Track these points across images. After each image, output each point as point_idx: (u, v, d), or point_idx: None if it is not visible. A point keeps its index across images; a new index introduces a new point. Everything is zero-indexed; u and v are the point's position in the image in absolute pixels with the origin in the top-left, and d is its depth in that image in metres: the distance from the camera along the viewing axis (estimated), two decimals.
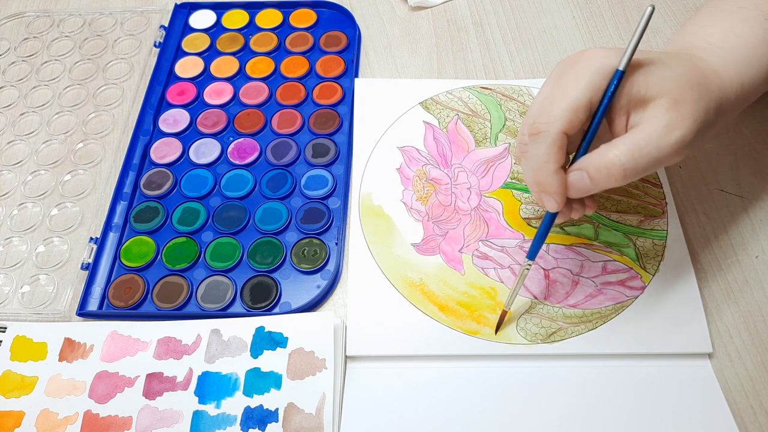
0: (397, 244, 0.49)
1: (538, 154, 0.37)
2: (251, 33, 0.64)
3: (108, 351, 0.44)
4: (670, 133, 0.36)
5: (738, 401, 0.42)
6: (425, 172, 0.52)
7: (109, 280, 0.49)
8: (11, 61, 0.64)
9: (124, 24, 0.66)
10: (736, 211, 0.50)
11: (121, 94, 0.61)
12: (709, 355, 0.44)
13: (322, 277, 0.48)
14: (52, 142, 0.57)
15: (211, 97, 0.59)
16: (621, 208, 0.50)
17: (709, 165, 0.53)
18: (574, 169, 0.38)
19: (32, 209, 0.53)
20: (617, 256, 0.48)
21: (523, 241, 0.49)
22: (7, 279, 0.50)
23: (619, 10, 0.64)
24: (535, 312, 0.45)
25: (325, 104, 0.58)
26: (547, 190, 0.38)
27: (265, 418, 0.41)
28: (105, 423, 0.42)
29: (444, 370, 0.44)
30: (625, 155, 0.36)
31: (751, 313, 0.45)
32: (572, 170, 0.38)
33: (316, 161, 0.54)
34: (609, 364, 0.43)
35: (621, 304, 0.45)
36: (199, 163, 0.55)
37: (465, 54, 0.62)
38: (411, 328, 0.45)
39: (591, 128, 0.38)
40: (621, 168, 0.36)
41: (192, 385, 0.43)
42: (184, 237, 0.50)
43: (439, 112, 0.56)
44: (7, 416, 0.42)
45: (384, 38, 0.64)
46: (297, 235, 0.50)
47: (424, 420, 0.41)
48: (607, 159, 0.36)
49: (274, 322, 0.45)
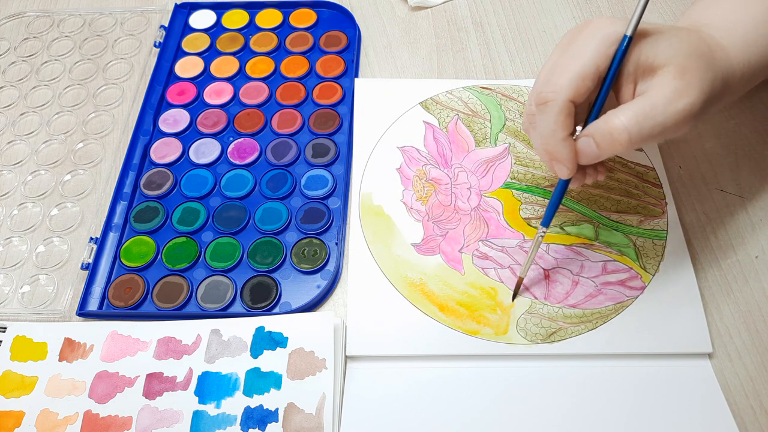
0: (397, 244, 0.49)
1: (546, 123, 0.38)
2: (251, 33, 0.64)
3: (108, 351, 0.44)
4: (677, 100, 0.36)
5: (738, 401, 0.42)
6: (425, 172, 0.52)
7: (109, 280, 0.49)
8: (11, 61, 0.64)
9: (124, 24, 0.66)
10: (736, 211, 0.50)
11: (121, 94, 0.61)
12: (709, 355, 0.44)
13: (322, 277, 0.48)
14: (52, 142, 0.57)
15: (211, 97, 0.59)
16: (621, 208, 0.50)
17: (709, 165, 0.53)
18: (582, 135, 0.38)
19: (32, 209, 0.53)
20: (617, 256, 0.48)
21: (523, 241, 0.49)
22: (7, 279, 0.50)
23: (618, 11, 0.64)
24: (535, 312, 0.45)
25: (325, 104, 0.58)
26: (557, 158, 0.38)
27: (265, 418, 0.41)
28: (105, 423, 0.42)
29: (444, 370, 0.44)
30: (630, 121, 0.36)
31: (751, 313, 0.45)
32: (580, 137, 0.38)
33: (316, 161, 0.54)
34: (609, 364, 0.43)
35: (621, 304, 0.45)
36: (199, 163, 0.55)
37: (465, 54, 0.62)
38: (411, 328, 0.45)
39: (600, 95, 0.38)
40: (626, 133, 0.36)
41: (192, 385, 0.43)
42: (184, 237, 0.50)
43: (439, 112, 0.56)
44: (7, 416, 0.42)
45: (384, 38, 0.64)
46: (297, 235, 0.50)
47: (424, 420, 0.41)
48: (611, 125, 0.36)
49: (274, 322, 0.45)
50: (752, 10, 0.42)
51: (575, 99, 0.37)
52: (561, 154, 0.38)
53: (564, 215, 0.50)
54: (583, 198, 0.51)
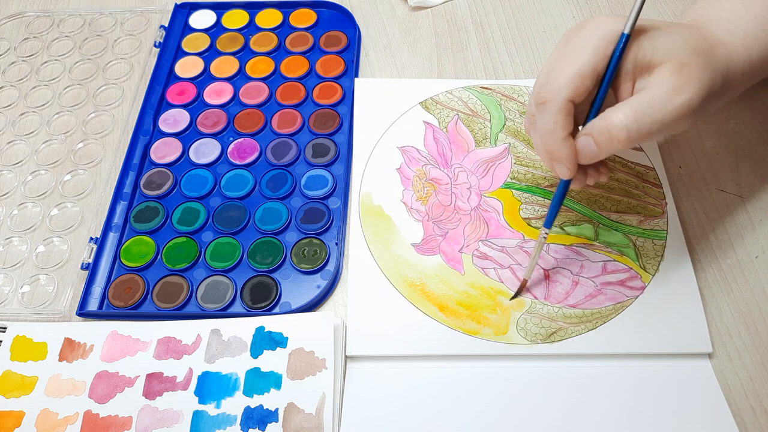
0: (397, 244, 0.49)
1: (546, 123, 0.37)
2: (251, 33, 0.64)
3: (108, 351, 0.44)
4: (675, 96, 0.36)
5: (738, 401, 0.42)
6: (425, 172, 0.52)
7: (109, 280, 0.49)
8: (11, 61, 0.64)
9: (124, 24, 0.66)
10: (736, 211, 0.50)
11: (121, 94, 0.61)
12: (709, 355, 0.44)
13: (322, 277, 0.48)
14: (52, 142, 0.57)
15: (211, 97, 0.59)
16: (621, 208, 0.50)
17: (709, 165, 0.53)
18: (581, 134, 0.38)
19: (32, 209, 0.53)
20: (617, 256, 0.48)
21: (523, 241, 0.49)
22: (7, 279, 0.50)
23: (619, 10, 0.64)
24: (535, 312, 0.45)
25: (325, 104, 0.58)
26: (558, 158, 0.38)
27: (265, 418, 0.41)
28: (105, 423, 0.42)
29: (444, 370, 0.44)
30: (628, 118, 0.36)
31: (751, 313, 0.45)
32: (579, 136, 0.38)
33: (316, 161, 0.54)
34: (609, 364, 0.43)
35: (621, 304, 0.45)
36: (199, 163, 0.55)
37: (465, 54, 0.62)
38: (411, 328, 0.45)
39: (599, 94, 0.38)
40: (625, 131, 0.36)
41: (192, 385, 0.43)
42: (184, 237, 0.50)
43: (439, 112, 0.56)
44: (7, 416, 0.42)
45: (384, 38, 0.64)
46: (297, 235, 0.50)
47: (424, 420, 0.41)
48: (609, 122, 0.36)
49: (274, 322, 0.45)
50: (756, 8, 0.42)
51: (574, 98, 0.37)
52: (561, 154, 0.38)
53: (564, 215, 0.50)
54: (583, 198, 0.51)
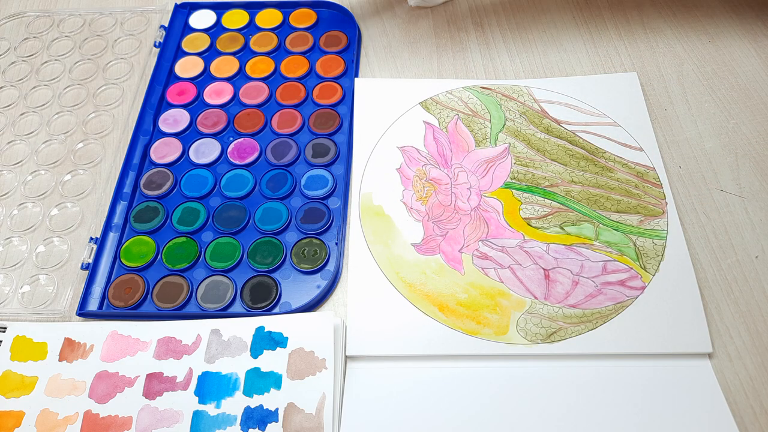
0: (397, 244, 0.49)
1: None
2: (251, 33, 0.64)
3: (108, 351, 0.44)
4: None
5: (738, 401, 0.42)
6: (425, 172, 0.52)
7: (109, 280, 0.49)
8: (11, 61, 0.64)
9: (124, 24, 0.66)
10: (736, 211, 0.50)
11: (121, 94, 0.61)
12: (709, 355, 0.44)
13: (322, 277, 0.48)
14: (52, 142, 0.57)
15: (211, 97, 0.59)
16: (621, 208, 0.50)
17: (709, 165, 0.53)
18: None
19: (32, 209, 0.53)
20: (617, 256, 0.48)
21: (523, 241, 0.49)
22: (7, 279, 0.50)
23: (618, 11, 0.64)
24: (535, 312, 0.45)
25: (325, 104, 0.58)
26: None
27: (265, 418, 0.41)
28: (105, 423, 0.42)
29: (444, 370, 0.44)
30: None
31: (751, 313, 0.45)
32: None
33: (316, 161, 0.54)
34: (609, 364, 0.43)
35: (621, 304, 0.45)
36: (199, 163, 0.55)
37: (465, 54, 0.62)
38: (411, 328, 0.45)
39: None
40: None
41: (192, 385, 0.43)
42: (184, 237, 0.50)
43: (439, 112, 0.56)
44: (7, 416, 0.42)
45: (384, 38, 0.64)
46: (297, 235, 0.50)
47: (424, 420, 0.41)
48: None
49: (274, 322, 0.45)
50: None
51: None
52: None
53: (564, 215, 0.50)
54: (583, 198, 0.51)
